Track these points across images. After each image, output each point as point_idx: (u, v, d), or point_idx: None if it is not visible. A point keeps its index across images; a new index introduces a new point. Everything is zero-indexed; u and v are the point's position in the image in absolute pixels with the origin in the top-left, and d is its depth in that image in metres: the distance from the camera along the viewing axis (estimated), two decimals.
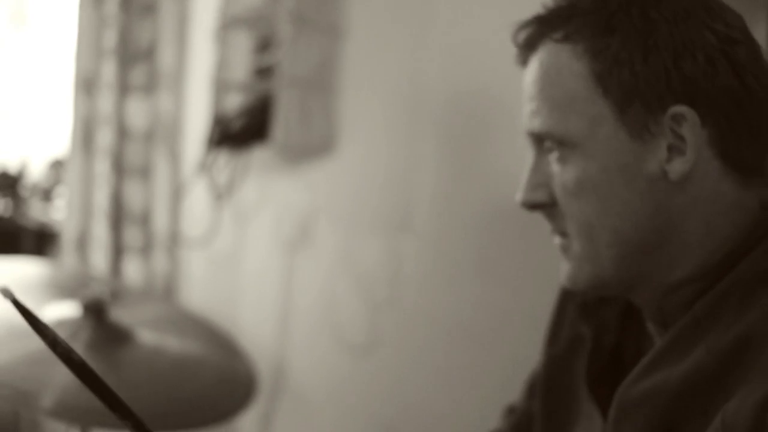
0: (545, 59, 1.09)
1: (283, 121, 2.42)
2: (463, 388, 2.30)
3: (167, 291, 2.66)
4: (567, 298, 1.32)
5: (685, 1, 1.03)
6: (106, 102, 2.66)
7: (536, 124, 1.09)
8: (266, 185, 2.63)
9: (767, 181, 1.06)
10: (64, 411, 1.71)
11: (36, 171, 3.18)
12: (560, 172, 1.08)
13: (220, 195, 2.58)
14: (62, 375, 1.73)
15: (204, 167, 2.56)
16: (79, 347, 1.81)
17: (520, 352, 2.23)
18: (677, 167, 1.01)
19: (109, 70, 2.66)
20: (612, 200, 1.05)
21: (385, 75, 2.40)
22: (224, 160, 2.58)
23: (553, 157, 1.08)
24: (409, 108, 2.36)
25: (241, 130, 2.50)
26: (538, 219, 1.17)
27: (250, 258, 2.68)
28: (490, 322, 2.13)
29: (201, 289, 2.73)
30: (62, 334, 1.81)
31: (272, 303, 2.64)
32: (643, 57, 1.01)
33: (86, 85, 2.69)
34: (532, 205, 1.13)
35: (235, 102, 2.55)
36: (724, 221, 1.04)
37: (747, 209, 1.04)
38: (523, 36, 1.13)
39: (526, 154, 1.15)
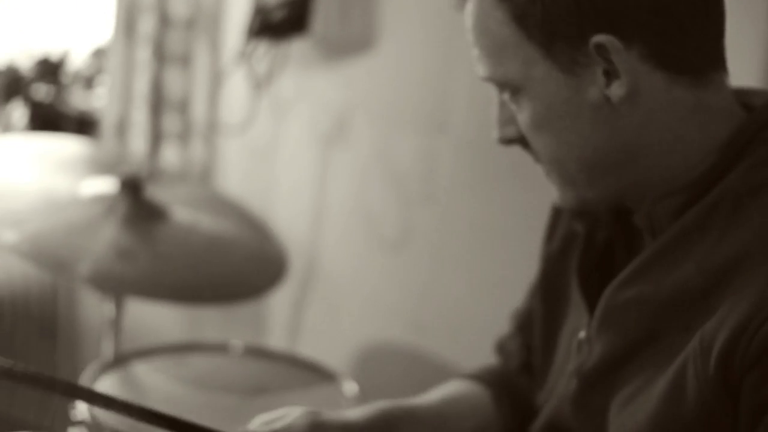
0: (473, 9, 1.10)
1: (322, 14, 2.44)
2: (494, 288, 2.35)
3: (204, 176, 2.70)
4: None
5: None
6: None
7: (480, 71, 1.12)
8: (304, 78, 2.64)
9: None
10: (99, 279, 1.78)
11: (78, 59, 3.19)
12: (517, 112, 1.10)
13: (259, 84, 2.59)
14: (99, 245, 1.80)
15: (243, 56, 2.58)
16: (114, 222, 1.86)
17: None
18: (616, 91, 1.02)
19: None
20: (565, 134, 1.07)
21: None
22: (263, 51, 2.58)
23: (508, 99, 1.11)
24: (449, 7, 2.32)
25: (281, 21, 2.50)
26: None
27: (287, 150, 2.71)
28: (523, 222, 2.11)
29: (237, 177, 2.77)
30: (99, 208, 1.89)
31: (306, 196, 2.67)
32: None
33: None
34: (506, 141, 1.17)
35: None
36: (690, 128, 1.05)
37: (716, 112, 1.06)
38: None
39: None
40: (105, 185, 1.96)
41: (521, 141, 1.14)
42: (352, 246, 2.65)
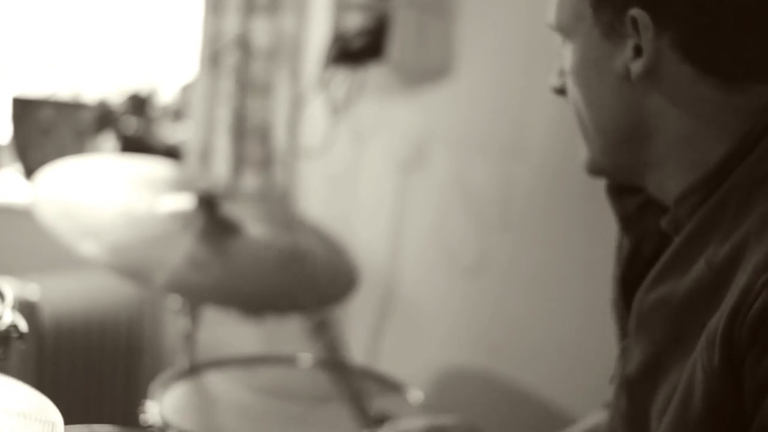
0: None
1: (399, 41, 2.47)
2: (570, 313, 2.35)
3: (283, 200, 2.75)
4: None
5: None
6: (232, 22, 2.74)
7: (549, 16, 1.15)
8: (382, 105, 2.68)
9: None
10: (174, 287, 1.83)
11: (166, 94, 3.28)
12: (565, 59, 1.14)
13: (337, 110, 2.64)
14: (175, 256, 1.86)
15: (322, 83, 2.63)
16: (190, 236, 1.92)
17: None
18: (633, 68, 1.04)
19: None
20: (590, 92, 1.11)
21: None
22: (342, 78, 2.63)
23: (565, 46, 1.14)
24: (527, 33, 2.37)
25: (359, 49, 2.55)
26: None
27: (365, 175, 2.74)
28: (599, 247, 2.07)
29: (316, 202, 2.80)
30: (177, 223, 1.95)
31: (384, 221, 2.69)
32: None
33: (214, 6, 2.77)
34: (555, 90, 1.20)
35: (354, 21, 2.59)
36: (711, 125, 1.04)
37: (743, 114, 1.03)
38: None
39: None
40: (183, 202, 2.02)
41: (563, 93, 1.18)
42: (429, 271, 2.65)
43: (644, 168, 1.11)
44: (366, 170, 2.74)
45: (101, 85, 3.29)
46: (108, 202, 1.99)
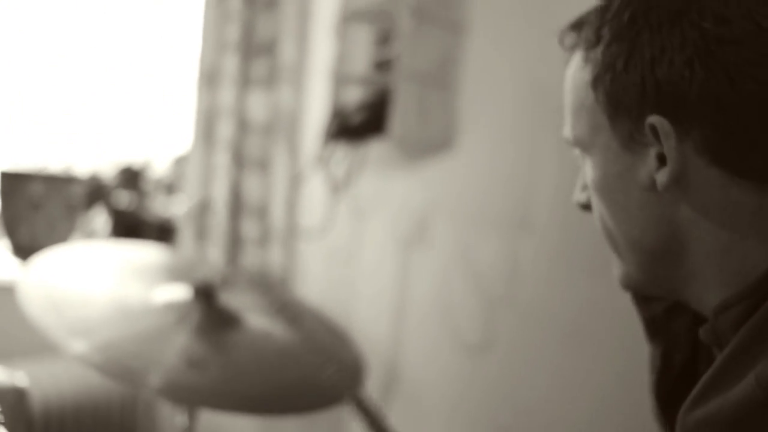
0: (571, 64, 1.12)
1: (400, 116, 2.40)
2: (580, 392, 2.26)
3: (283, 281, 2.67)
4: None
5: (679, 3, 0.96)
6: (227, 95, 2.69)
7: (564, 130, 1.11)
8: (384, 180, 2.62)
9: None
10: (169, 390, 1.73)
11: (160, 167, 3.23)
12: (586, 174, 1.08)
13: (337, 188, 2.57)
14: (170, 354, 1.76)
15: (321, 160, 2.56)
16: (187, 330, 1.83)
17: (639, 356, 2.18)
18: (659, 178, 0.97)
19: (231, 64, 2.69)
20: (616, 207, 1.04)
21: (507, 71, 2.36)
22: (342, 154, 2.57)
23: (586, 162, 1.08)
24: (530, 105, 2.33)
25: (359, 124, 2.49)
26: None
27: (367, 253, 2.67)
28: (609, 324, 2.09)
29: (316, 282, 2.73)
30: (172, 316, 1.87)
31: (387, 299, 2.62)
32: (624, 64, 0.98)
33: (209, 79, 2.72)
34: (580, 205, 1.15)
35: (354, 95, 2.54)
36: (748, 231, 0.97)
37: None
38: (565, 41, 1.19)
39: None
40: (179, 292, 1.94)
41: (590, 208, 1.12)
42: (435, 349, 2.57)
43: (683, 282, 1.03)
44: (367, 247, 2.68)
45: (93, 158, 3.22)
46: (98, 294, 1.91)
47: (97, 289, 1.93)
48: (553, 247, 2.31)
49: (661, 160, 0.97)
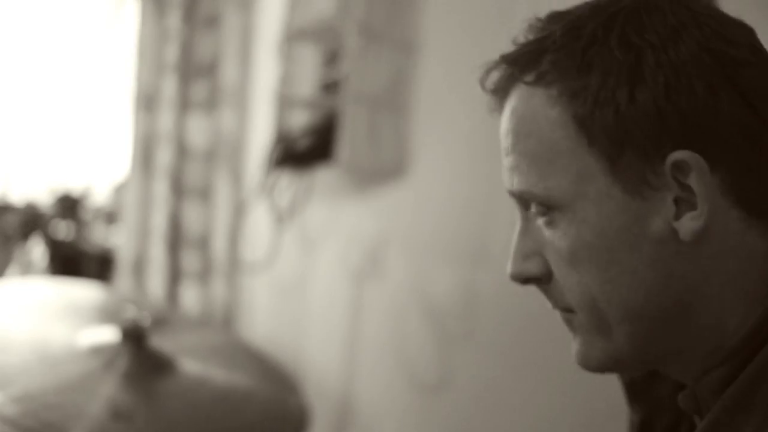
0: (518, 106, 0.91)
1: (349, 141, 2.30)
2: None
3: (226, 319, 2.55)
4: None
5: (673, 19, 0.84)
6: (166, 119, 2.58)
7: (515, 184, 0.90)
8: (332, 210, 2.52)
9: None
10: None
11: (99, 194, 3.12)
12: (551, 239, 0.88)
13: (282, 218, 2.46)
14: (94, 405, 1.62)
15: (265, 188, 2.45)
16: (113, 378, 1.69)
17: (602, 395, 2.10)
18: (689, 225, 0.82)
19: (169, 86, 2.58)
20: (614, 270, 0.86)
21: (461, 93, 2.21)
22: (287, 181, 2.47)
23: (541, 221, 0.89)
24: (486, 128, 2.14)
25: (306, 150, 2.40)
26: None
27: (316, 287, 2.57)
28: (573, 365, 1.95)
29: (263, 318, 2.62)
30: (98, 362, 1.72)
31: (339, 336, 2.52)
32: (628, 94, 0.82)
33: (146, 102, 2.61)
34: (524, 279, 0.92)
35: (299, 119, 2.45)
36: (756, 279, 0.84)
37: None
38: (492, 80, 0.95)
39: None
40: (106, 335, 1.79)
41: (542, 279, 0.91)
42: (389, 388, 2.47)
43: (675, 351, 0.88)
44: (316, 281, 2.57)
45: (28, 185, 3.09)
46: (16, 338, 1.75)
47: (15, 332, 1.78)
48: (513, 282, 2.20)
49: (678, 204, 0.83)
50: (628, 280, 0.85)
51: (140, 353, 1.74)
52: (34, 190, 3.10)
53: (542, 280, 0.91)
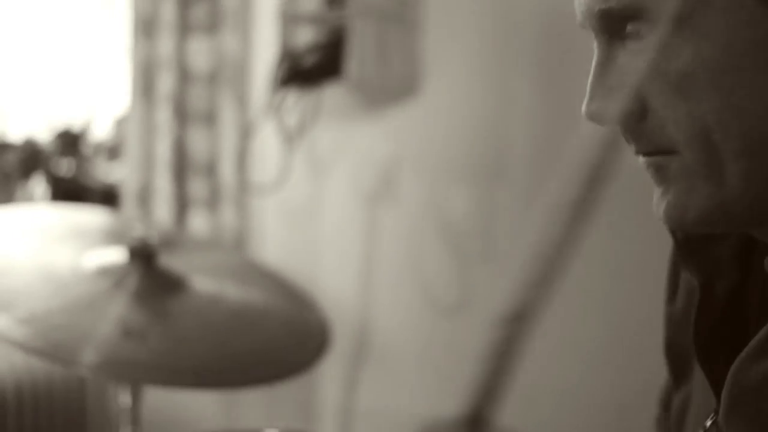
0: None
1: (357, 57, 2.25)
2: (564, 350, 2.12)
3: (237, 245, 2.50)
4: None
5: None
6: (166, 44, 2.51)
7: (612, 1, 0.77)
8: (342, 130, 2.46)
9: None
10: (105, 366, 1.53)
11: (100, 129, 3.04)
12: (657, 63, 0.76)
13: (291, 137, 2.40)
14: (104, 325, 1.56)
15: (272, 108, 2.39)
16: (124, 295, 1.63)
17: (627, 307, 2.05)
18: None
19: (168, 10, 2.51)
20: (738, 94, 0.74)
21: (474, 4, 2.24)
22: (294, 100, 2.41)
23: (636, 46, 0.78)
24: (501, 42, 2.21)
25: (313, 67, 2.33)
26: None
27: (328, 210, 2.52)
28: (597, 273, 1.95)
29: (274, 244, 2.58)
30: (106, 282, 1.66)
31: (354, 260, 2.48)
32: None
33: (145, 28, 2.54)
34: (607, 118, 0.80)
35: (305, 36, 2.37)
36: None
37: None
38: None
39: None
40: (114, 255, 1.72)
41: (631, 117, 0.80)
42: (406, 312, 2.45)
43: None
44: (328, 204, 2.52)
45: (27, 122, 3.02)
46: (21, 261, 1.70)
47: (19, 256, 1.72)
48: (531, 196, 2.15)
49: None
50: (753, 105, 0.74)
51: (150, 272, 1.69)
52: (33, 127, 3.02)
53: (631, 118, 0.80)
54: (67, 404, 2.55)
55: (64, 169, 2.97)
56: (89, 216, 2.05)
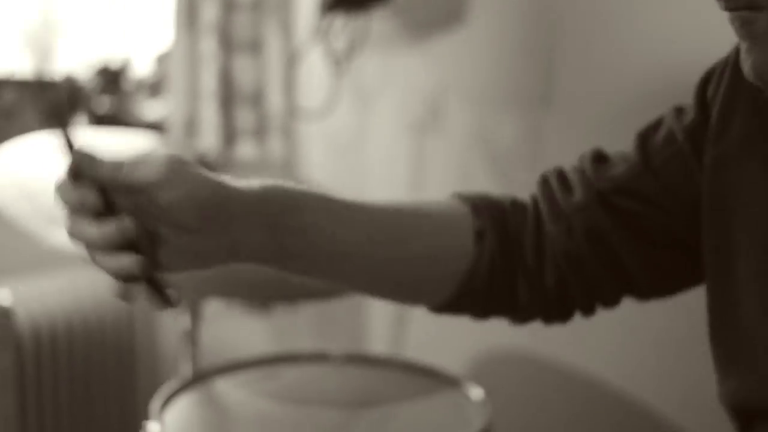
0: None
1: None
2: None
3: (284, 173, 2.47)
4: (736, 90, 0.97)
5: None
6: None
7: None
8: (389, 56, 2.42)
9: None
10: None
11: (142, 66, 3.01)
12: None
13: (339, 63, 2.37)
14: None
15: (319, 34, 2.35)
16: None
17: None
18: None
19: None
20: None
21: None
22: (341, 26, 2.37)
23: None
24: None
25: None
26: None
27: (374, 139, 2.49)
28: None
29: (321, 171, 2.56)
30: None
31: (401, 191, 2.44)
32: None
33: None
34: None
35: None
36: None
37: None
38: None
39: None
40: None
41: None
42: None
43: None
44: (375, 132, 2.48)
45: (67, 59, 2.99)
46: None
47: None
48: (580, 125, 2.13)
49: None
50: None
51: None
52: (73, 64, 2.99)
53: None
54: (117, 339, 2.56)
55: (105, 107, 2.94)
56: (139, 139, 2.04)
